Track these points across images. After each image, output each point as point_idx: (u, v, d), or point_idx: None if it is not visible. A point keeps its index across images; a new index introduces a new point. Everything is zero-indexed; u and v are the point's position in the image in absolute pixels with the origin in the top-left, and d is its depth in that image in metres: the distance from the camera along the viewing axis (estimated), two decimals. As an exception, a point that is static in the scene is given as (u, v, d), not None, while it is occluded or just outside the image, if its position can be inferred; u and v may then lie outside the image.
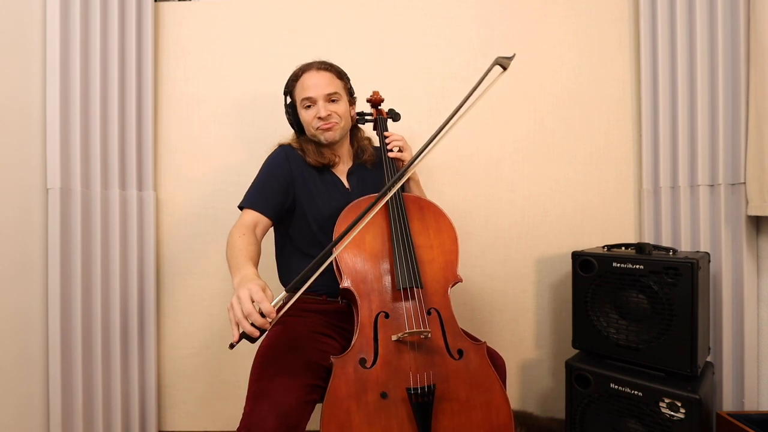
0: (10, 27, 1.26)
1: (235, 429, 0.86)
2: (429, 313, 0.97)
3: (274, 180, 1.13)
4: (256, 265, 0.96)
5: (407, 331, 0.90)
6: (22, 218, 1.27)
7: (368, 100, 1.32)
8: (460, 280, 1.03)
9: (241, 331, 0.77)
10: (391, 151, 1.18)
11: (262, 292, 0.78)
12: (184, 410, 1.64)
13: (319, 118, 1.13)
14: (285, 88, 1.22)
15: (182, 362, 1.64)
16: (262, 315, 0.75)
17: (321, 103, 1.13)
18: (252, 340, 0.76)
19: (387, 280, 0.99)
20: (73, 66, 1.36)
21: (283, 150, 1.18)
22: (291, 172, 1.14)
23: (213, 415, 1.64)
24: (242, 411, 0.88)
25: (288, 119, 1.22)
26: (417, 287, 0.97)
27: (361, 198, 1.09)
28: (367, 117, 1.31)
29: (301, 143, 1.19)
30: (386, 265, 1.00)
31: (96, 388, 1.39)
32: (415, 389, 0.87)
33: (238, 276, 0.88)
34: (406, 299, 0.96)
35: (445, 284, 1.02)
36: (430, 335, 0.92)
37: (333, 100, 1.15)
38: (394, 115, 1.33)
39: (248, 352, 1.63)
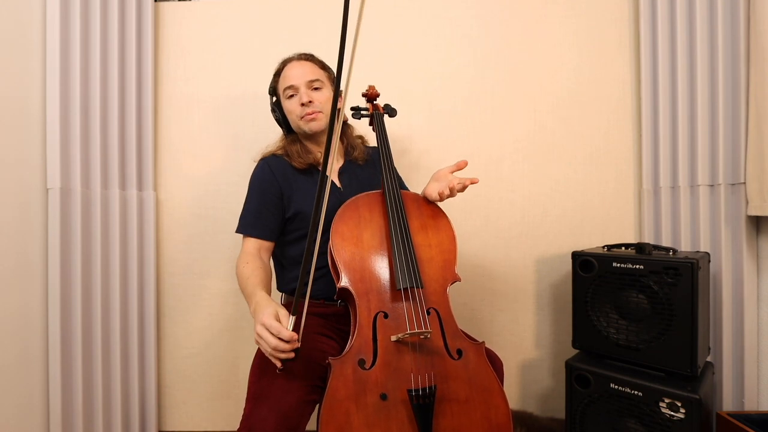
0: (10, 27, 1.26)
1: (235, 429, 0.86)
2: (428, 312, 0.96)
3: (266, 200, 1.12)
4: (266, 286, 0.99)
5: (408, 331, 0.89)
6: (22, 218, 1.27)
7: (364, 95, 1.30)
8: (459, 279, 1.03)
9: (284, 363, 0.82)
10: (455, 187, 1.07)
11: (276, 321, 0.80)
12: (184, 410, 1.64)
13: (302, 104, 1.12)
14: (269, 87, 1.22)
15: (182, 362, 1.64)
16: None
17: (303, 89, 1.13)
18: (293, 360, 0.82)
19: (385, 279, 0.98)
20: (73, 66, 1.36)
21: (265, 163, 1.16)
22: (279, 186, 1.13)
23: (213, 415, 1.64)
24: (241, 411, 0.88)
25: (275, 117, 1.23)
26: (417, 287, 0.96)
27: (358, 195, 1.08)
28: (363, 112, 1.29)
29: (286, 146, 1.18)
30: (385, 264, 0.99)
31: (96, 388, 1.39)
32: (417, 390, 0.86)
33: (251, 305, 0.92)
34: (406, 299, 0.95)
35: (443, 283, 1.01)
36: (430, 336, 0.91)
37: (316, 88, 1.15)
38: (390, 111, 1.31)
39: (248, 352, 1.63)
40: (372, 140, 1.32)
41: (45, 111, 1.33)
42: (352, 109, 1.30)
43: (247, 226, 1.11)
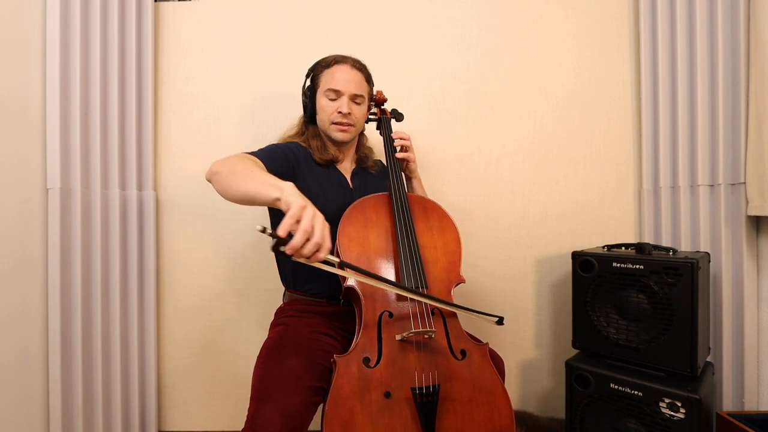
0: (10, 27, 1.26)
1: (235, 429, 0.85)
2: (433, 313, 0.97)
3: (280, 152, 1.10)
4: None
5: (412, 330, 0.90)
6: (22, 218, 1.27)
7: (371, 100, 1.32)
8: (463, 281, 1.03)
9: (288, 237, 0.71)
10: (397, 150, 1.19)
11: (329, 232, 0.75)
12: (184, 410, 1.64)
13: (340, 112, 1.13)
14: (310, 69, 1.21)
15: (182, 362, 1.63)
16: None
17: (346, 99, 1.13)
18: (280, 251, 0.71)
19: (391, 279, 0.99)
20: (73, 66, 1.36)
21: (293, 142, 1.18)
22: (298, 159, 1.13)
23: (213, 415, 1.64)
24: (242, 410, 0.88)
25: (303, 101, 1.22)
26: (422, 288, 0.97)
27: (365, 197, 1.09)
28: (370, 116, 1.32)
29: (309, 139, 1.19)
30: (390, 265, 1.00)
31: (96, 388, 1.39)
32: (420, 389, 0.87)
33: (285, 186, 0.78)
34: (411, 299, 0.96)
35: (448, 285, 1.02)
36: (434, 335, 0.92)
37: (357, 102, 1.16)
38: (398, 115, 1.33)
39: (248, 352, 1.63)
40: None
41: (45, 111, 1.33)
42: None
43: (258, 152, 1.05)
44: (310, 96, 1.19)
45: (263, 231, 0.69)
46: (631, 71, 1.59)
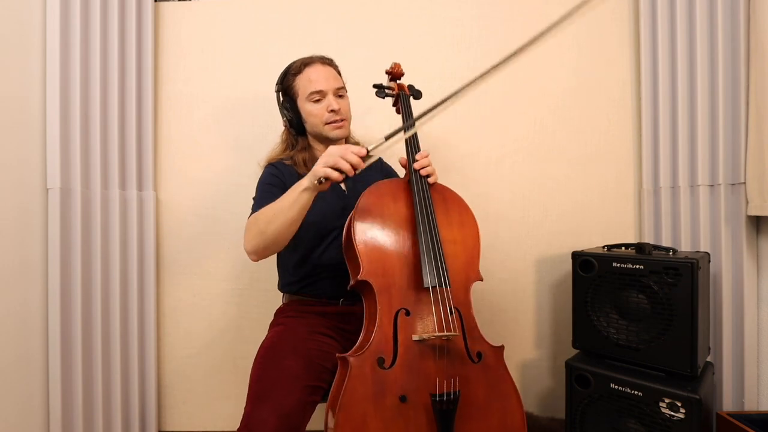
0: (10, 27, 1.26)
1: (235, 429, 0.86)
2: (451, 312, 0.90)
3: (268, 187, 1.09)
4: None
5: (436, 333, 0.85)
6: (22, 218, 1.27)
7: (387, 72, 1.22)
8: (481, 279, 0.98)
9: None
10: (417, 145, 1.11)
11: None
12: (184, 410, 1.64)
13: (332, 111, 1.10)
14: (279, 84, 1.17)
15: (182, 362, 1.64)
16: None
17: (331, 96, 1.11)
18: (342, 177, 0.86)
19: (409, 275, 0.91)
20: (73, 66, 1.36)
21: (273, 167, 1.14)
22: (284, 182, 1.09)
23: (213, 415, 1.64)
24: (242, 411, 0.88)
25: (286, 116, 1.17)
26: (444, 286, 0.89)
27: (380, 182, 1.02)
28: (387, 91, 1.19)
29: (294, 155, 1.16)
30: (409, 259, 0.92)
31: (96, 388, 1.39)
32: (441, 395, 0.82)
33: (302, 181, 0.91)
34: (429, 296, 0.90)
35: (467, 282, 0.96)
36: (453, 337, 0.87)
37: (341, 96, 1.15)
38: (416, 93, 1.22)
39: (248, 352, 1.62)
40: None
41: (45, 111, 1.33)
42: (375, 86, 1.21)
43: (257, 206, 1.04)
44: (291, 108, 1.15)
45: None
46: (631, 71, 1.59)
